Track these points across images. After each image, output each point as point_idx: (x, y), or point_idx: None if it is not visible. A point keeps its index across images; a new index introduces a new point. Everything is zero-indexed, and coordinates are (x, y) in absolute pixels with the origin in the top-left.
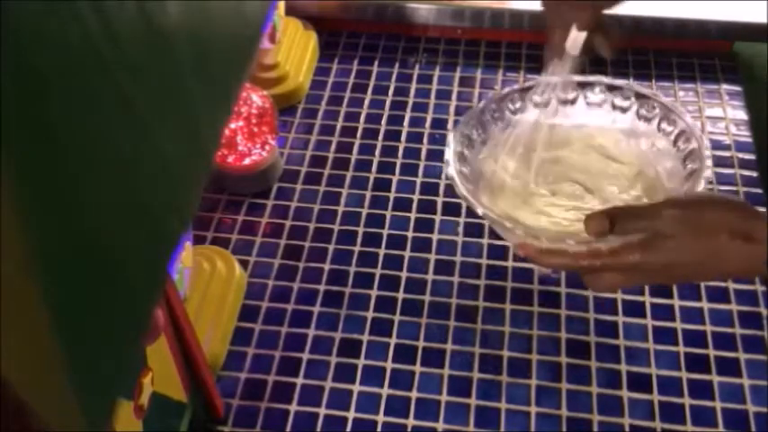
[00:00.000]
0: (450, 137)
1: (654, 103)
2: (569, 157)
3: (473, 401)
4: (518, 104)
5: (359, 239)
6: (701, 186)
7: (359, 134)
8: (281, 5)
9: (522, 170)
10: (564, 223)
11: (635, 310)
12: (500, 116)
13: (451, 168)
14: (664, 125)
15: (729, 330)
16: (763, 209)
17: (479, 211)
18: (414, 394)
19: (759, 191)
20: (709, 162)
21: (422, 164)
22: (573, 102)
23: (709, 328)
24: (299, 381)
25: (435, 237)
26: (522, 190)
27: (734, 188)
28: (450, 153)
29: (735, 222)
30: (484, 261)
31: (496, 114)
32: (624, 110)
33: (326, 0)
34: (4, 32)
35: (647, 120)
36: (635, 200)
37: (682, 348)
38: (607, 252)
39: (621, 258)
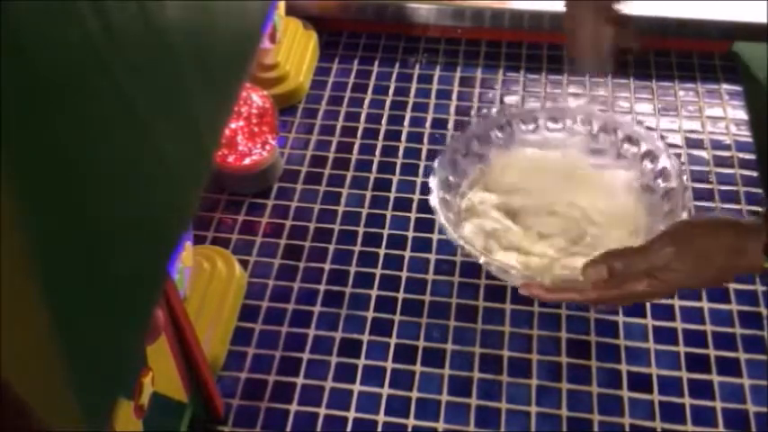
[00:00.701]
0: (432, 183)
1: (638, 138)
2: (552, 192)
3: (473, 401)
4: (506, 133)
5: (359, 239)
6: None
7: (359, 134)
8: (282, 5)
9: (506, 210)
10: (554, 256)
11: (635, 310)
12: (475, 151)
13: (448, 228)
14: (646, 162)
15: (730, 330)
16: (754, 216)
17: (481, 260)
18: (414, 394)
19: (759, 191)
20: (690, 203)
21: (422, 164)
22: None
23: (709, 328)
24: (300, 381)
25: (435, 237)
26: (509, 232)
27: (734, 188)
28: (434, 200)
29: (729, 244)
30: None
31: (470, 151)
32: (603, 144)
33: (327, 0)
34: (4, 32)
35: (629, 156)
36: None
37: (682, 348)
38: (613, 285)
39: (629, 288)
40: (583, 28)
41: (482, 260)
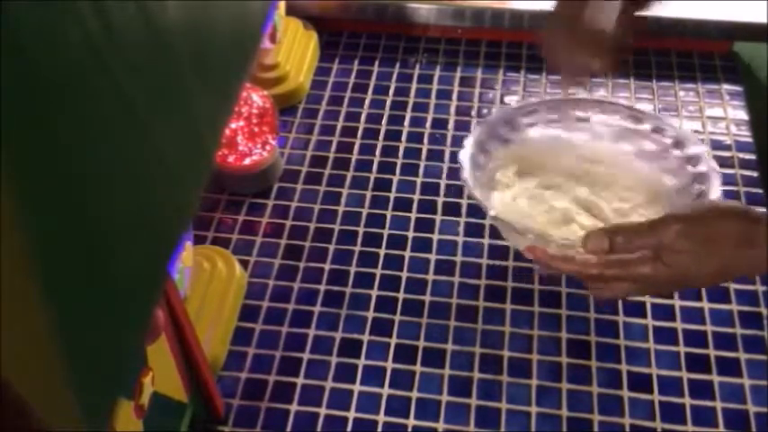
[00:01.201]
0: (468, 141)
1: (666, 126)
2: (585, 169)
3: (473, 401)
4: (532, 118)
5: (359, 239)
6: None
7: (359, 134)
8: (282, 5)
9: (533, 185)
10: (579, 233)
11: (635, 310)
12: (515, 127)
13: (466, 172)
14: (674, 150)
15: (730, 330)
16: (762, 209)
17: (491, 212)
18: (414, 394)
19: (759, 191)
20: (717, 183)
21: (422, 164)
22: (587, 119)
23: (709, 328)
24: (300, 381)
25: (435, 237)
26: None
27: (734, 188)
28: (466, 155)
29: (739, 230)
30: (484, 261)
31: (510, 125)
32: (637, 132)
33: (327, 0)
34: (5, 32)
35: (659, 142)
36: (637, 212)
37: (682, 348)
38: (617, 263)
39: (632, 270)
40: (559, 55)
41: (518, 227)
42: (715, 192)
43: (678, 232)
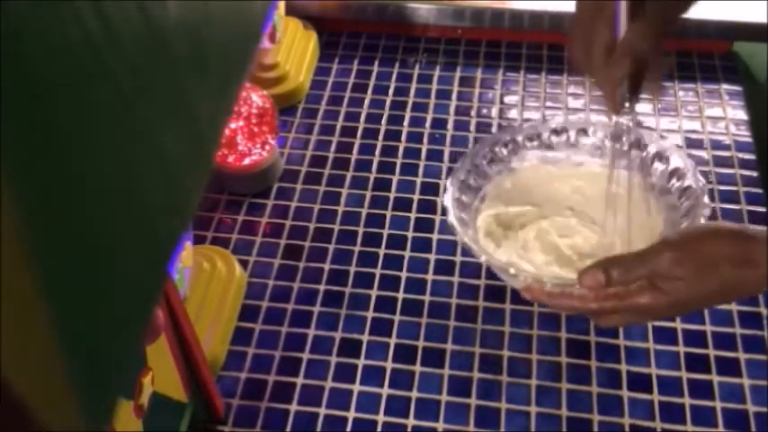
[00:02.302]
0: (448, 182)
1: (646, 142)
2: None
3: (473, 401)
4: (511, 147)
5: (359, 239)
6: (700, 221)
7: (359, 134)
8: (282, 5)
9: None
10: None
11: None
12: (498, 159)
13: (451, 215)
14: (656, 163)
15: (729, 330)
16: (759, 227)
17: (482, 258)
18: (414, 394)
19: (759, 191)
20: (706, 199)
21: (422, 164)
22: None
23: (709, 328)
24: (299, 381)
25: (435, 237)
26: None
27: (734, 188)
28: (448, 199)
29: (733, 250)
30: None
31: (491, 158)
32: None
33: (327, 0)
34: (4, 33)
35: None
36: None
37: (682, 348)
38: (615, 295)
39: (630, 301)
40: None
41: (512, 271)
42: (703, 207)
43: (672, 260)
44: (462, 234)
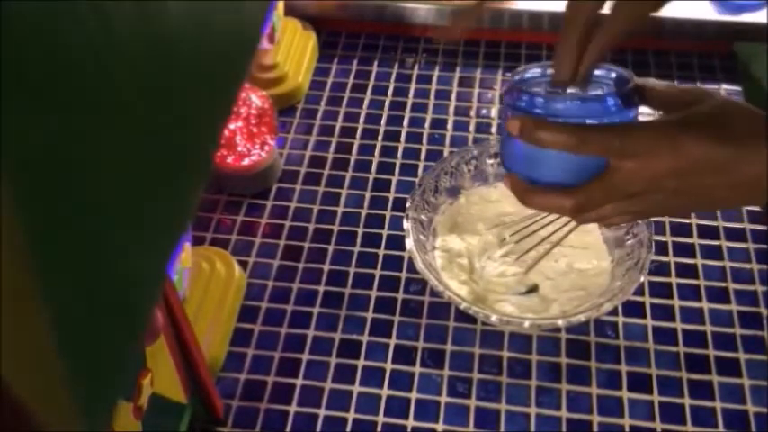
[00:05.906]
0: (407, 225)
1: None
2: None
3: (473, 402)
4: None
5: (358, 240)
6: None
7: (358, 134)
8: (281, 6)
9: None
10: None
11: (635, 310)
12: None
13: (409, 242)
14: None
15: (729, 330)
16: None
17: (445, 295)
18: (413, 395)
19: None
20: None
21: (421, 164)
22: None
23: (709, 328)
24: (299, 381)
25: None
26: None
27: None
28: (410, 243)
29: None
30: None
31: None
32: None
33: (326, 0)
34: (4, 32)
35: None
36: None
37: (682, 348)
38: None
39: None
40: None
41: (477, 310)
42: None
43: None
44: (418, 261)
